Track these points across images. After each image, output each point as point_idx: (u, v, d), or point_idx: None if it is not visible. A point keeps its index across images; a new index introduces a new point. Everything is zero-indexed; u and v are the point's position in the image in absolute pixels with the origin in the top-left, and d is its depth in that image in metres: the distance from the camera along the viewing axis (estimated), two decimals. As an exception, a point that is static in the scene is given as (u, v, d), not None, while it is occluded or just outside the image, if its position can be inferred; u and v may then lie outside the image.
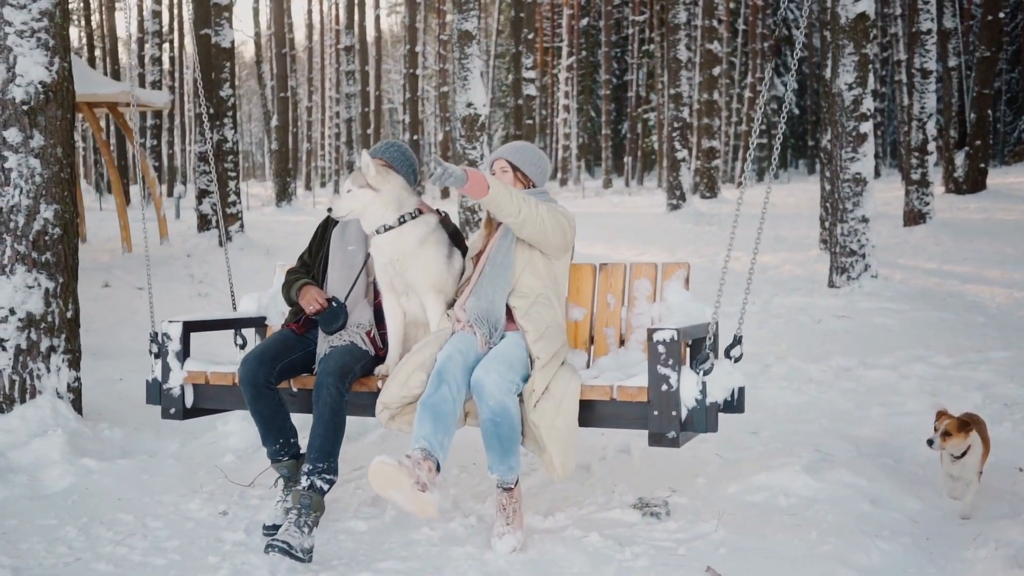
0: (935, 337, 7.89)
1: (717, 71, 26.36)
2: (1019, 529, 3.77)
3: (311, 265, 4.51)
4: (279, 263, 4.98)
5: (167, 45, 39.87)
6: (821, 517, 3.95)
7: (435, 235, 4.14)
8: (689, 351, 3.83)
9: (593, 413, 3.77)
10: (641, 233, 18.10)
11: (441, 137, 39.77)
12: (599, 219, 21.86)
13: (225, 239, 5.11)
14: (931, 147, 15.60)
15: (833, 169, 9.85)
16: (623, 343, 4.24)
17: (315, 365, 4.17)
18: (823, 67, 13.18)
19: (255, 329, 4.86)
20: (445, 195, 38.84)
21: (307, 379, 4.17)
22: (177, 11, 41.86)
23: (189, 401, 4.40)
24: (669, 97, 21.46)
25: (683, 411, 3.59)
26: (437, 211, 4.29)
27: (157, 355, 4.43)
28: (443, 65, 39.97)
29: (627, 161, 47.97)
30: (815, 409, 5.93)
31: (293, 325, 4.32)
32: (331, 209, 4.03)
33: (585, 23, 52.43)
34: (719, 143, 25.33)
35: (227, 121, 15.72)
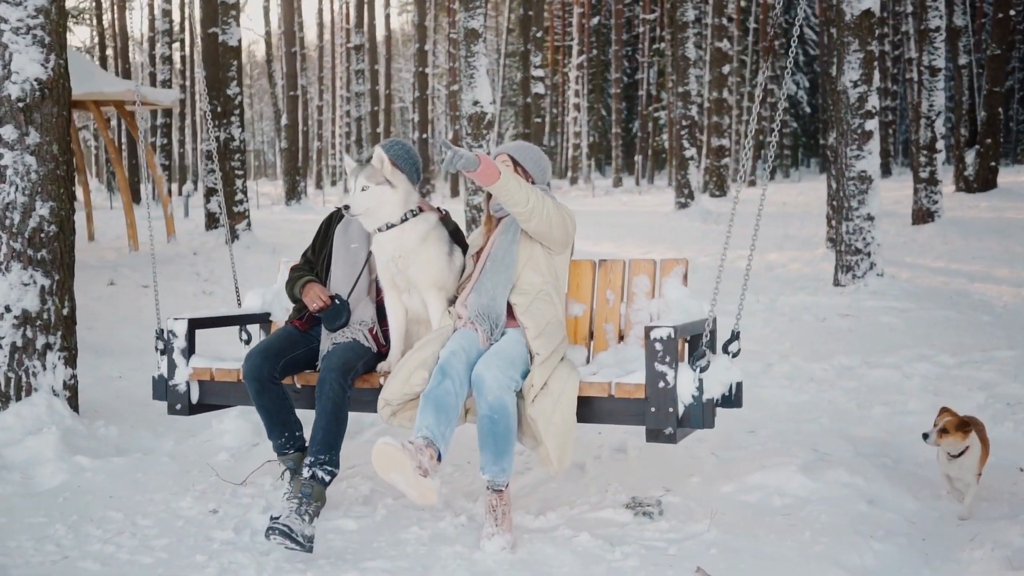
0: (940, 336, 7.82)
1: (727, 69, 26.29)
2: (1017, 530, 3.72)
3: (315, 262, 4.55)
4: (283, 259, 5.01)
5: (178, 44, 39.92)
6: (815, 517, 3.91)
7: (436, 232, 4.17)
8: (688, 347, 3.85)
9: (592, 409, 3.78)
10: (648, 232, 18.05)
11: (451, 136, 39.81)
12: (607, 217, 21.81)
13: (230, 237, 5.16)
14: (940, 145, 15.48)
15: (838, 167, 9.77)
16: (622, 339, 4.26)
17: (318, 362, 4.20)
18: (832, 64, 13.08)
19: (259, 325, 4.91)
20: (455, 192, 38.90)
21: (310, 375, 4.21)
22: (190, 10, 41.92)
23: (195, 397, 4.47)
24: (677, 95, 21.38)
25: (680, 408, 3.62)
26: (437, 209, 4.32)
27: (163, 352, 4.48)
28: (453, 64, 40.06)
29: (637, 160, 47.87)
30: (815, 408, 5.88)
31: (297, 322, 4.36)
32: (348, 207, 4.02)
33: (596, 22, 52.33)
34: (729, 141, 25.28)
35: (234, 119, 15.68)
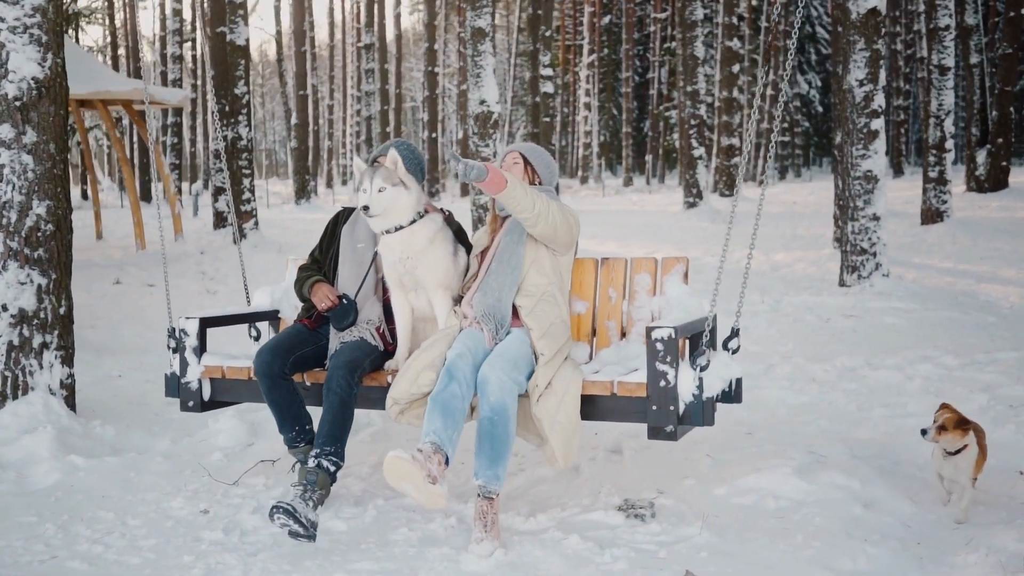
0: (944, 337, 7.76)
1: (737, 68, 26.21)
2: (1013, 535, 3.68)
3: (322, 261, 4.63)
4: (291, 257, 5.10)
5: (189, 43, 40.03)
6: (808, 520, 3.87)
7: (442, 233, 4.24)
8: (689, 343, 3.94)
9: (595, 407, 3.88)
10: (656, 232, 17.99)
11: (461, 135, 39.78)
12: (615, 217, 21.76)
13: (239, 236, 5.22)
14: (949, 145, 15.38)
15: (844, 166, 9.70)
16: (624, 335, 4.34)
17: (327, 360, 4.29)
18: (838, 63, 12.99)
19: (268, 322, 5.02)
20: (464, 192, 38.87)
21: (319, 373, 4.31)
22: (201, 10, 42.00)
23: (207, 394, 4.57)
24: (686, 94, 21.31)
25: (681, 406, 3.70)
26: (441, 210, 4.39)
27: (175, 350, 4.57)
28: (463, 63, 40.01)
29: (648, 159, 47.77)
30: (815, 410, 5.84)
31: (306, 320, 4.45)
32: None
33: (607, 21, 52.23)
34: (739, 141, 25.20)
35: (241, 118, 15.71)
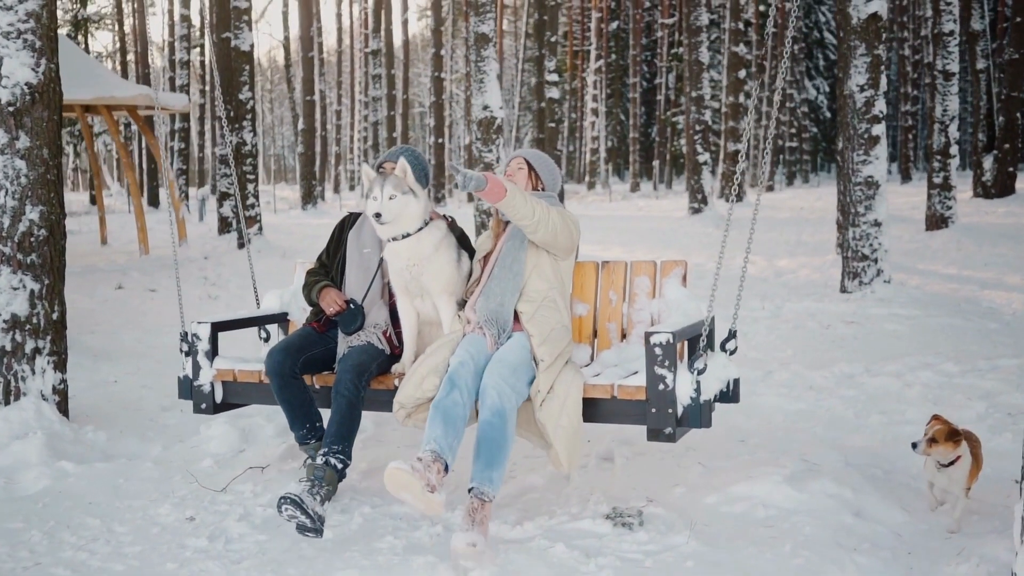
0: (945, 344, 7.71)
1: (743, 74, 26.16)
2: (1005, 545, 3.64)
3: (329, 266, 4.75)
4: (299, 261, 5.25)
5: (197, 49, 40.15)
6: (798, 529, 3.83)
7: (447, 240, 4.34)
8: (687, 345, 4.03)
9: (596, 410, 3.98)
10: (660, 237, 17.95)
11: (467, 140, 39.79)
12: (620, 223, 21.74)
13: (247, 241, 5.41)
14: (954, 150, 15.31)
15: (845, 172, 9.64)
16: (625, 337, 4.46)
17: (335, 363, 4.43)
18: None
19: (278, 325, 5.18)
20: (471, 198, 38.87)
21: (328, 376, 4.43)
22: (211, 16, 42.11)
23: (219, 397, 4.69)
24: (691, 100, 21.27)
25: (679, 408, 3.80)
26: (444, 216, 4.49)
27: (188, 353, 4.67)
28: (470, 68, 40.01)
29: (655, 165, 47.71)
30: (812, 417, 5.79)
31: (315, 324, 4.57)
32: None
33: (615, 27, 52.21)
34: (744, 145, 25.16)
35: (246, 124, 15.74)
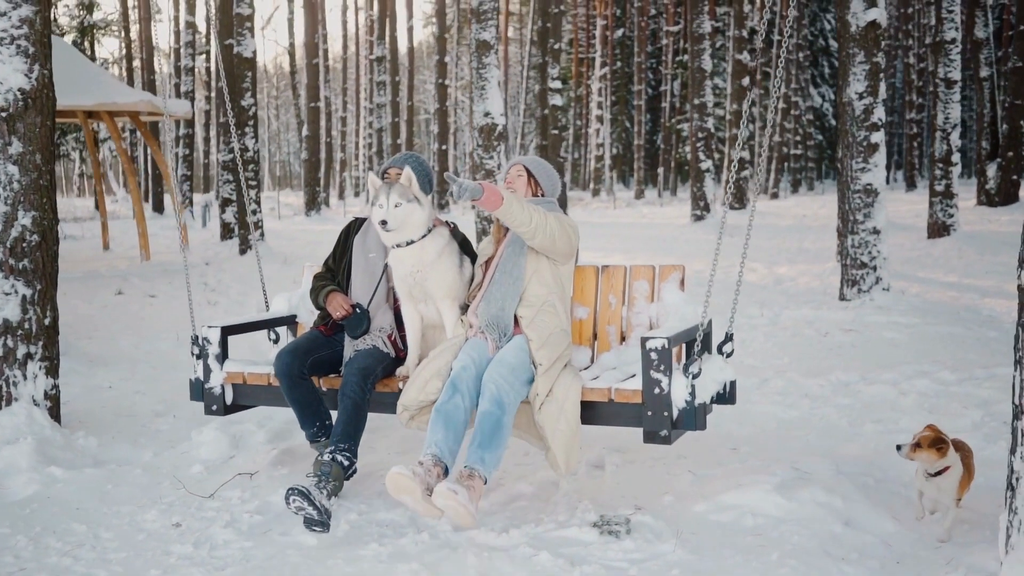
0: (942, 352, 7.67)
1: (747, 81, 26.15)
2: (994, 555, 3.62)
3: (335, 270, 4.86)
4: (307, 264, 5.39)
5: (203, 56, 40.24)
6: (786, 538, 3.82)
7: (449, 247, 4.45)
8: (684, 349, 4.14)
9: (594, 412, 4.09)
10: (662, 244, 17.94)
11: (471, 147, 39.83)
12: (623, 230, 21.73)
13: (254, 247, 5.58)
14: (955, 158, 15.29)
15: (843, 180, 9.62)
16: (624, 340, 4.57)
17: (342, 367, 4.54)
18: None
19: (287, 327, 5.31)
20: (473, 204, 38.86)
21: (335, 379, 4.56)
22: (216, 23, 42.20)
23: (229, 399, 4.81)
24: (694, 107, 21.26)
25: (674, 411, 3.90)
26: (446, 223, 4.60)
27: (199, 356, 4.77)
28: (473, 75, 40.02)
29: (660, 172, 47.70)
30: (805, 425, 5.77)
31: (322, 327, 4.70)
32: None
33: (620, 34, 52.24)
34: (749, 153, 25.13)
35: (248, 130, 15.74)
